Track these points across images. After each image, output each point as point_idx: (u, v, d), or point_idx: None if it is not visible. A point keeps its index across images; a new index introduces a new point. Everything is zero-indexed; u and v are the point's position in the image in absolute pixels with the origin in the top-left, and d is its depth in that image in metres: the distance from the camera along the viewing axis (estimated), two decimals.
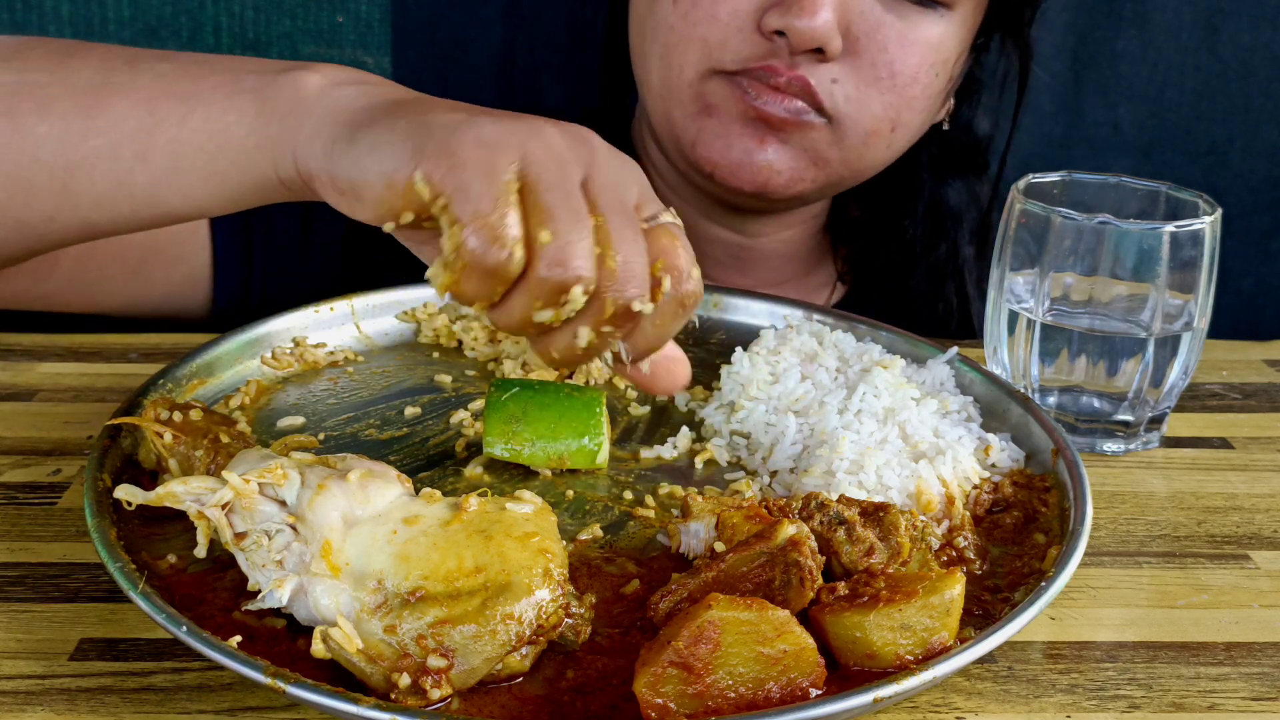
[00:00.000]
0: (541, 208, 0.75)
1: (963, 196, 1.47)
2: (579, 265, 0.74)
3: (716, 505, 0.87)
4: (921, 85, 1.25)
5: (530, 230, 0.75)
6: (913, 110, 1.26)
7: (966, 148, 1.45)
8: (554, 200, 0.75)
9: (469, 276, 0.75)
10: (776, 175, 1.25)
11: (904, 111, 1.25)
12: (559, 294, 0.74)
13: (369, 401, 1.09)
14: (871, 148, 1.27)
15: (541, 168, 0.76)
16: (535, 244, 0.74)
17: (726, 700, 0.71)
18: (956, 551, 0.89)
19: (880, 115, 1.24)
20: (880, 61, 1.22)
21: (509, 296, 0.76)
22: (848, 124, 1.24)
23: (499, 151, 0.76)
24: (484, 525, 0.77)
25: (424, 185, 0.76)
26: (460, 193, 0.75)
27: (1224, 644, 0.85)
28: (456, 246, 0.74)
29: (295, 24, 1.68)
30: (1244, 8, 1.79)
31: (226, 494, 0.76)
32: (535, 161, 0.76)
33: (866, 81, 1.22)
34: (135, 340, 1.23)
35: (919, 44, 1.23)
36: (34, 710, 0.75)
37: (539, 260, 0.74)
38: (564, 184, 0.76)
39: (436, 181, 0.75)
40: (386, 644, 0.72)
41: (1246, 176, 1.88)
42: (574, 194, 0.76)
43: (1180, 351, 1.07)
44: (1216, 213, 1.07)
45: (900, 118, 1.26)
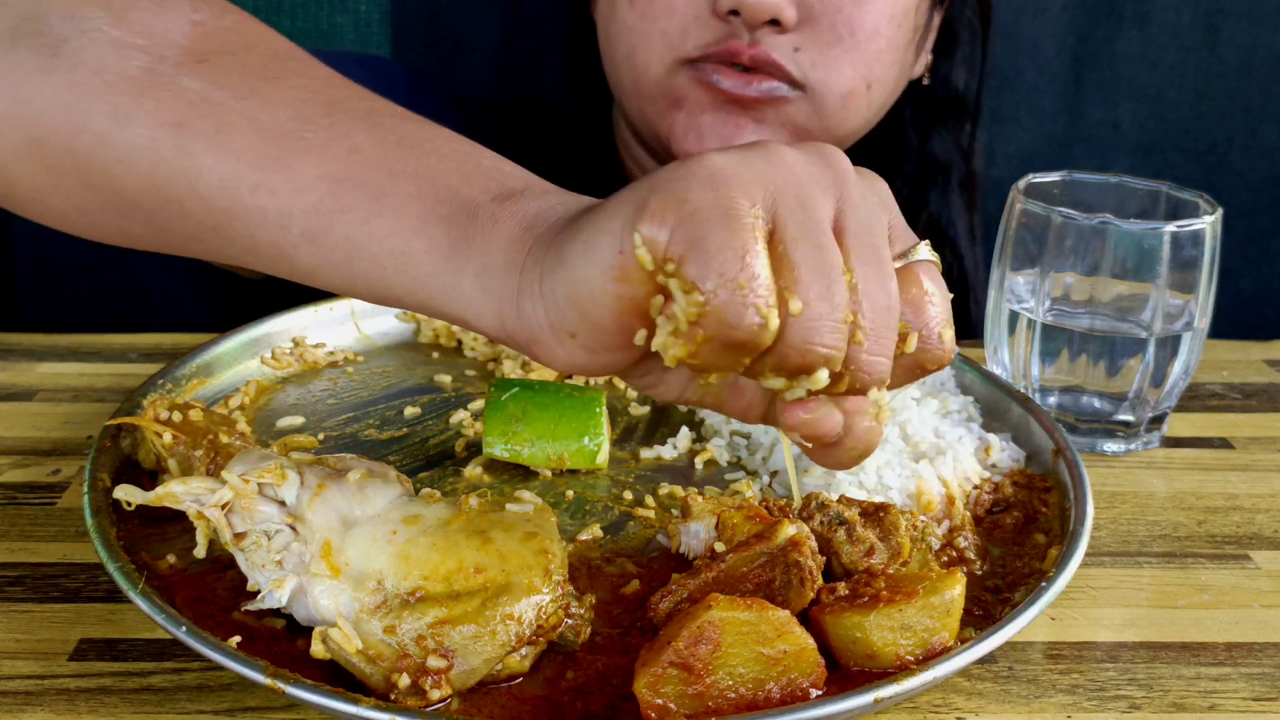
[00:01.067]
0: (791, 264, 0.63)
1: (948, 148, 1.48)
2: (830, 345, 0.63)
3: (716, 505, 0.87)
4: (886, 38, 1.24)
5: (779, 292, 0.63)
6: (883, 64, 1.26)
7: (947, 100, 1.46)
8: (804, 254, 0.63)
9: (709, 348, 0.63)
10: None
11: (875, 66, 1.25)
12: (802, 372, 0.64)
13: (369, 401, 1.09)
14: (852, 109, 1.27)
15: (790, 208, 0.64)
16: (784, 311, 0.63)
17: (726, 700, 0.71)
18: (957, 552, 0.89)
19: (852, 75, 1.24)
20: (839, 22, 1.21)
21: None
22: (821, 90, 1.24)
23: (738, 190, 0.63)
24: (484, 525, 0.77)
25: (646, 249, 0.63)
26: (696, 248, 0.62)
27: (1224, 644, 0.85)
28: (698, 315, 0.62)
29: (295, 24, 1.68)
30: (1244, 8, 1.79)
31: (226, 494, 0.76)
32: (783, 200, 0.64)
33: (829, 43, 1.22)
34: (135, 340, 1.23)
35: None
36: (34, 710, 0.75)
37: (787, 333, 0.63)
38: (814, 229, 0.64)
39: (664, 240, 0.62)
40: (386, 644, 0.72)
41: (1247, 176, 1.88)
42: (826, 245, 0.64)
43: (1181, 351, 1.07)
44: (1217, 212, 1.07)
45: (873, 73, 1.25)
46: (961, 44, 1.43)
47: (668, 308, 0.63)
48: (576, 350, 0.68)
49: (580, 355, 0.68)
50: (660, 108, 1.26)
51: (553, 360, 0.69)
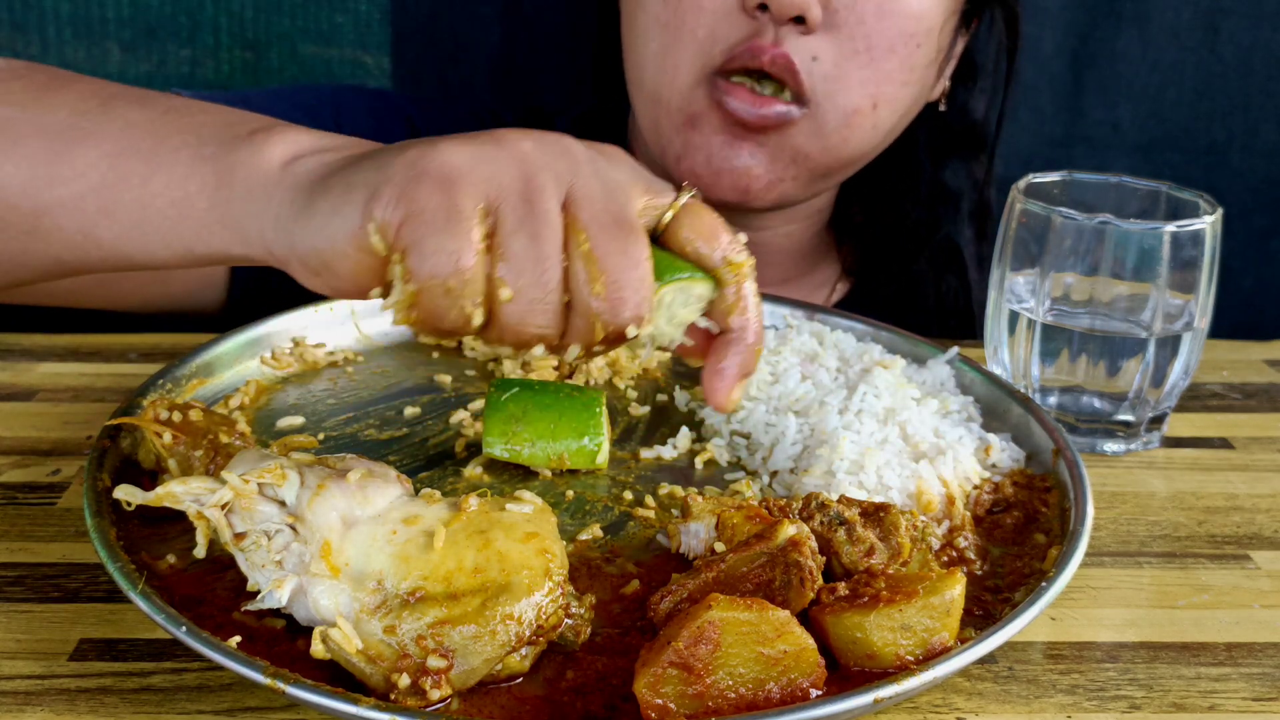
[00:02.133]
0: (506, 254, 0.72)
1: (960, 178, 1.48)
2: (539, 324, 0.73)
3: (716, 505, 0.87)
4: (900, 57, 1.24)
5: (492, 283, 0.72)
6: (893, 84, 1.25)
7: (963, 130, 1.46)
8: (518, 246, 0.72)
9: (424, 328, 0.74)
10: (755, 179, 1.26)
11: (884, 85, 1.24)
12: (520, 349, 0.74)
13: (369, 401, 1.09)
14: (855, 129, 1.26)
15: (512, 205, 0.72)
16: (496, 300, 0.72)
17: (727, 701, 0.71)
18: (957, 552, 0.89)
19: (861, 93, 1.24)
20: (858, 34, 1.21)
21: None
22: (826, 106, 1.23)
23: (461, 189, 0.72)
24: (484, 525, 0.77)
25: (378, 238, 0.72)
26: (417, 247, 0.71)
27: (1224, 644, 0.85)
28: (412, 301, 0.72)
29: (295, 24, 1.68)
30: (1244, 7, 1.79)
31: (226, 494, 0.76)
32: (507, 197, 0.72)
33: (844, 55, 1.22)
34: (135, 340, 1.23)
35: (897, 15, 1.22)
36: (34, 710, 0.74)
37: (498, 319, 0.73)
38: (534, 221, 0.72)
39: (392, 230, 0.71)
40: (386, 644, 0.72)
41: (1246, 176, 1.88)
42: (542, 233, 0.72)
43: (1181, 351, 1.07)
44: (1217, 212, 1.07)
45: (881, 92, 1.25)
46: (983, 74, 1.42)
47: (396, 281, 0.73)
48: (323, 286, 0.77)
49: (328, 291, 0.77)
50: (676, 122, 1.26)
51: (314, 287, 0.78)
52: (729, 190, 1.26)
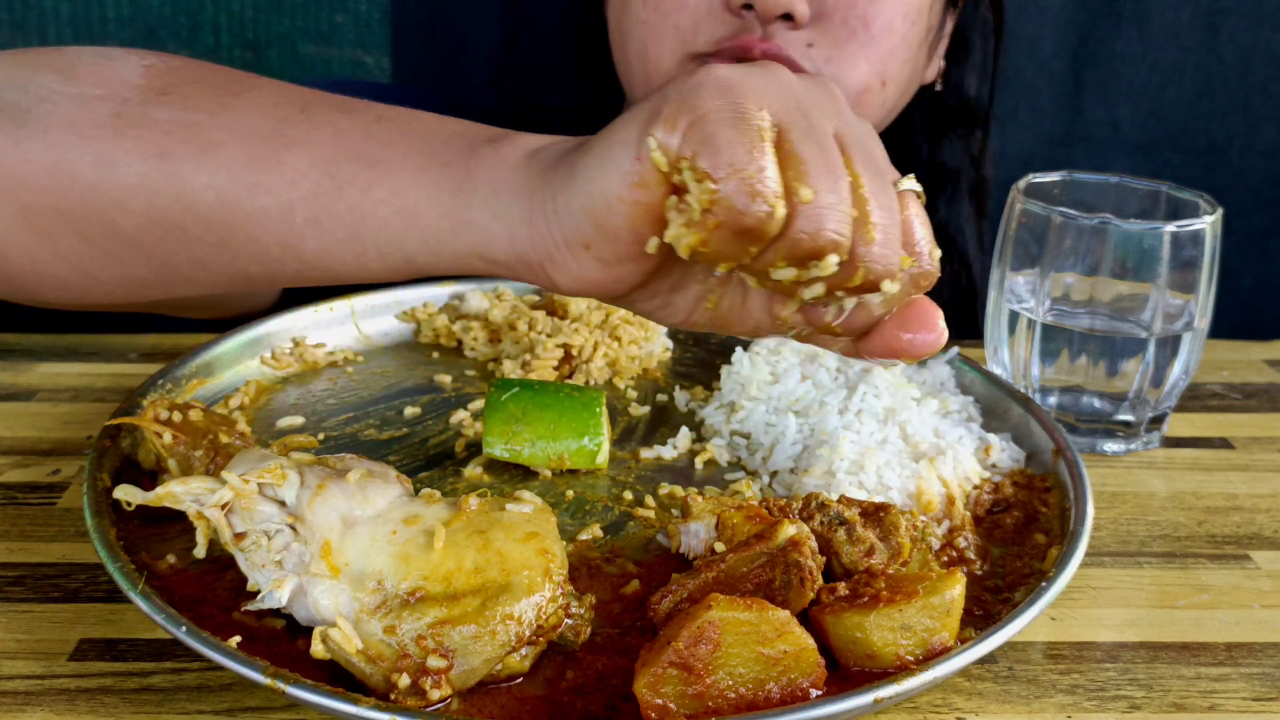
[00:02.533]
0: (798, 159, 0.67)
1: (959, 155, 1.47)
2: (839, 230, 0.67)
3: (716, 505, 0.87)
4: (900, 34, 1.24)
5: (788, 184, 0.66)
6: (897, 61, 1.25)
7: (958, 107, 1.45)
8: (810, 152, 0.67)
9: (720, 235, 0.67)
10: None
11: (889, 63, 1.25)
12: (812, 258, 0.67)
13: (369, 401, 1.09)
14: (865, 106, 1.26)
15: (794, 116, 0.68)
16: (794, 201, 0.66)
17: (726, 701, 0.71)
18: (957, 552, 0.89)
19: (868, 70, 1.23)
20: (852, 17, 1.21)
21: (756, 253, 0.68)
22: None
23: (745, 96, 0.68)
24: (484, 525, 0.77)
25: (660, 152, 0.67)
26: (708, 144, 0.66)
27: (1224, 644, 0.85)
28: (710, 202, 0.66)
29: (295, 24, 1.68)
30: (1243, 7, 1.79)
31: (226, 494, 0.76)
32: (787, 109, 0.69)
33: (843, 39, 1.21)
34: (135, 340, 1.23)
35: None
36: (34, 710, 0.74)
37: (797, 219, 0.66)
38: (818, 134, 0.68)
39: (676, 142, 0.67)
40: (386, 644, 0.72)
41: (1246, 175, 1.88)
42: (830, 146, 0.68)
43: (1181, 351, 1.07)
44: (1217, 212, 1.07)
45: (888, 70, 1.25)
46: (974, 51, 1.43)
47: (681, 201, 0.67)
48: (590, 264, 0.72)
49: (593, 269, 0.72)
50: None
51: (567, 277, 0.73)
52: None
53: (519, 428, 0.97)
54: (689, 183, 0.67)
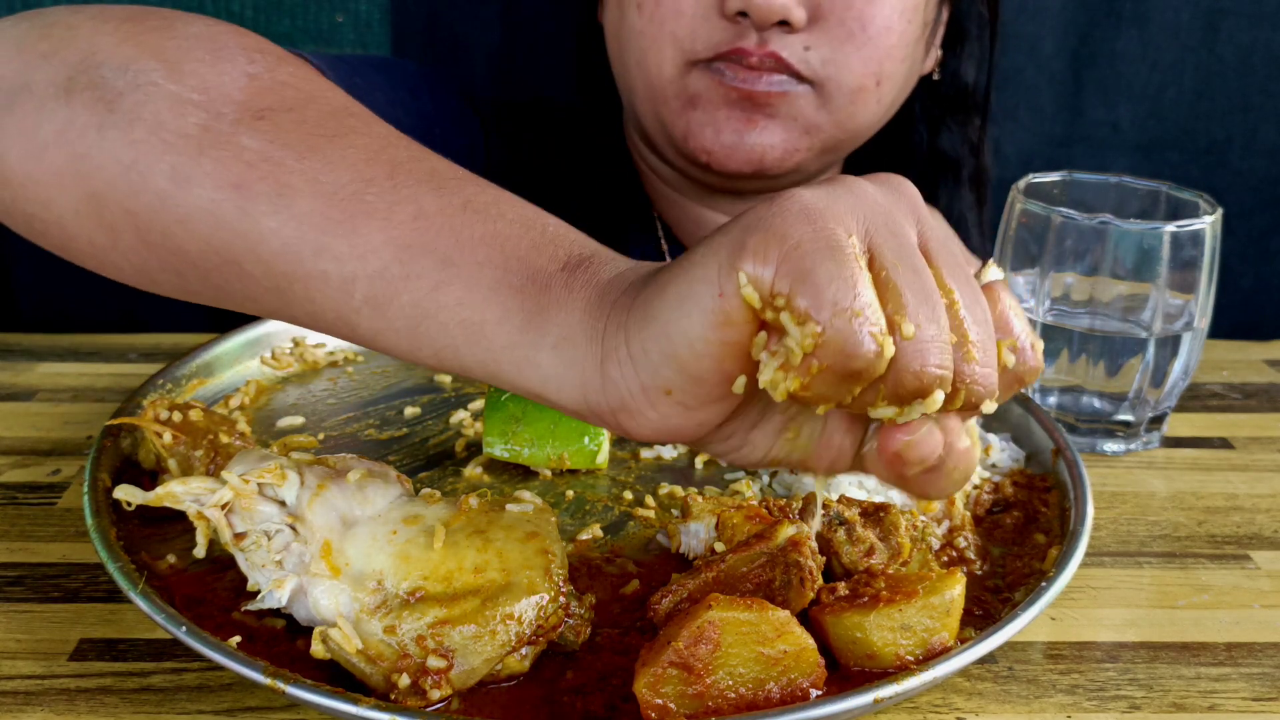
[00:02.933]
0: (895, 289, 0.62)
1: (958, 143, 1.47)
2: (942, 364, 0.63)
3: (716, 505, 0.87)
4: (897, 33, 1.24)
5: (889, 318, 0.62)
6: (894, 60, 1.26)
7: (956, 95, 1.45)
8: (906, 279, 0.63)
9: (824, 379, 0.62)
10: (770, 150, 1.25)
11: (885, 63, 1.25)
12: (917, 397, 0.63)
13: (369, 401, 1.09)
14: (861, 105, 1.26)
15: (883, 236, 0.64)
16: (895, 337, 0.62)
17: (726, 701, 0.71)
18: (957, 552, 0.89)
19: (862, 71, 1.24)
20: (849, 19, 1.21)
21: None
22: (831, 86, 1.23)
23: (834, 221, 0.63)
24: (484, 525, 0.77)
25: (752, 287, 0.62)
26: (807, 280, 0.61)
27: (1224, 644, 0.85)
28: (813, 345, 0.61)
29: (295, 24, 1.68)
30: (1243, 7, 1.79)
31: (226, 494, 0.76)
32: (875, 229, 0.64)
33: (840, 40, 1.21)
34: (135, 340, 1.23)
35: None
36: (34, 710, 0.75)
37: (900, 357, 0.62)
38: (909, 253, 0.64)
39: (769, 277, 0.62)
40: (386, 644, 0.72)
41: (1246, 175, 1.88)
42: (922, 268, 0.64)
43: (1181, 351, 1.07)
44: (1217, 212, 1.07)
45: (884, 69, 1.25)
46: (970, 39, 1.43)
47: (773, 343, 0.62)
48: (671, 409, 0.66)
49: (675, 414, 0.67)
50: (675, 108, 1.26)
51: (643, 425, 0.68)
52: (744, 164, 1.26)
53: (519, 428, 0.97)
54: (787, 324, 0.61)
